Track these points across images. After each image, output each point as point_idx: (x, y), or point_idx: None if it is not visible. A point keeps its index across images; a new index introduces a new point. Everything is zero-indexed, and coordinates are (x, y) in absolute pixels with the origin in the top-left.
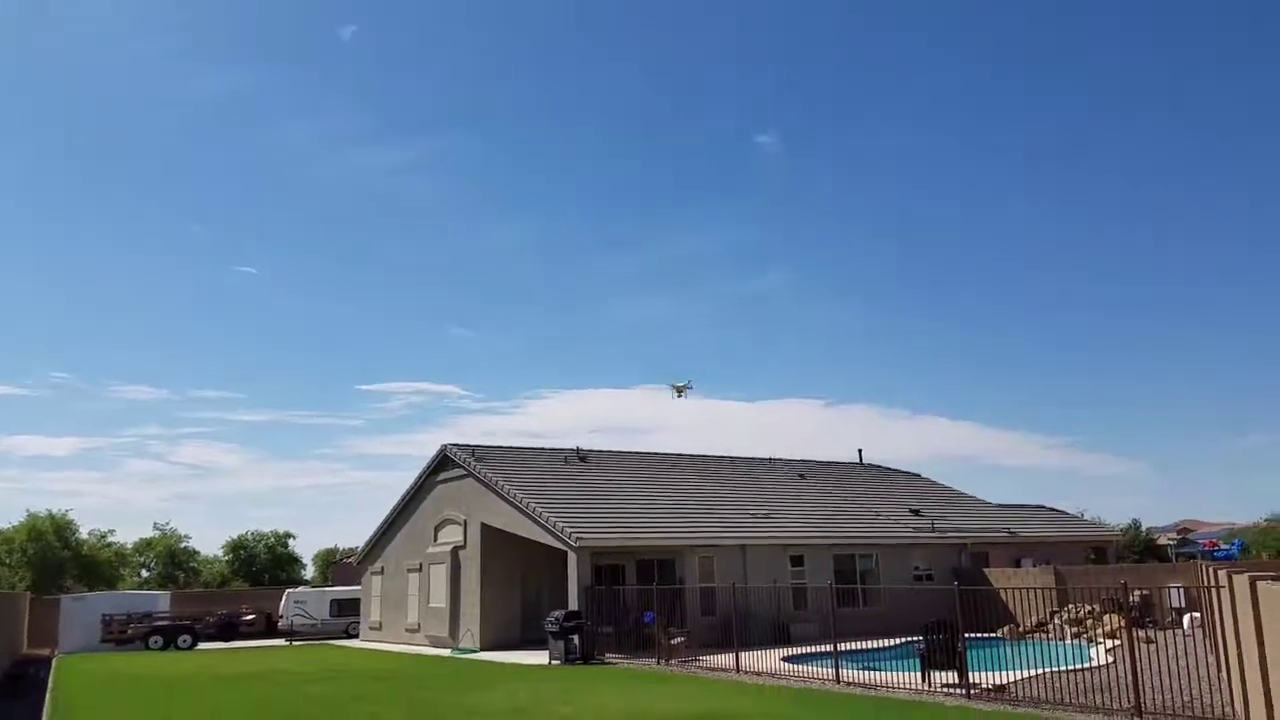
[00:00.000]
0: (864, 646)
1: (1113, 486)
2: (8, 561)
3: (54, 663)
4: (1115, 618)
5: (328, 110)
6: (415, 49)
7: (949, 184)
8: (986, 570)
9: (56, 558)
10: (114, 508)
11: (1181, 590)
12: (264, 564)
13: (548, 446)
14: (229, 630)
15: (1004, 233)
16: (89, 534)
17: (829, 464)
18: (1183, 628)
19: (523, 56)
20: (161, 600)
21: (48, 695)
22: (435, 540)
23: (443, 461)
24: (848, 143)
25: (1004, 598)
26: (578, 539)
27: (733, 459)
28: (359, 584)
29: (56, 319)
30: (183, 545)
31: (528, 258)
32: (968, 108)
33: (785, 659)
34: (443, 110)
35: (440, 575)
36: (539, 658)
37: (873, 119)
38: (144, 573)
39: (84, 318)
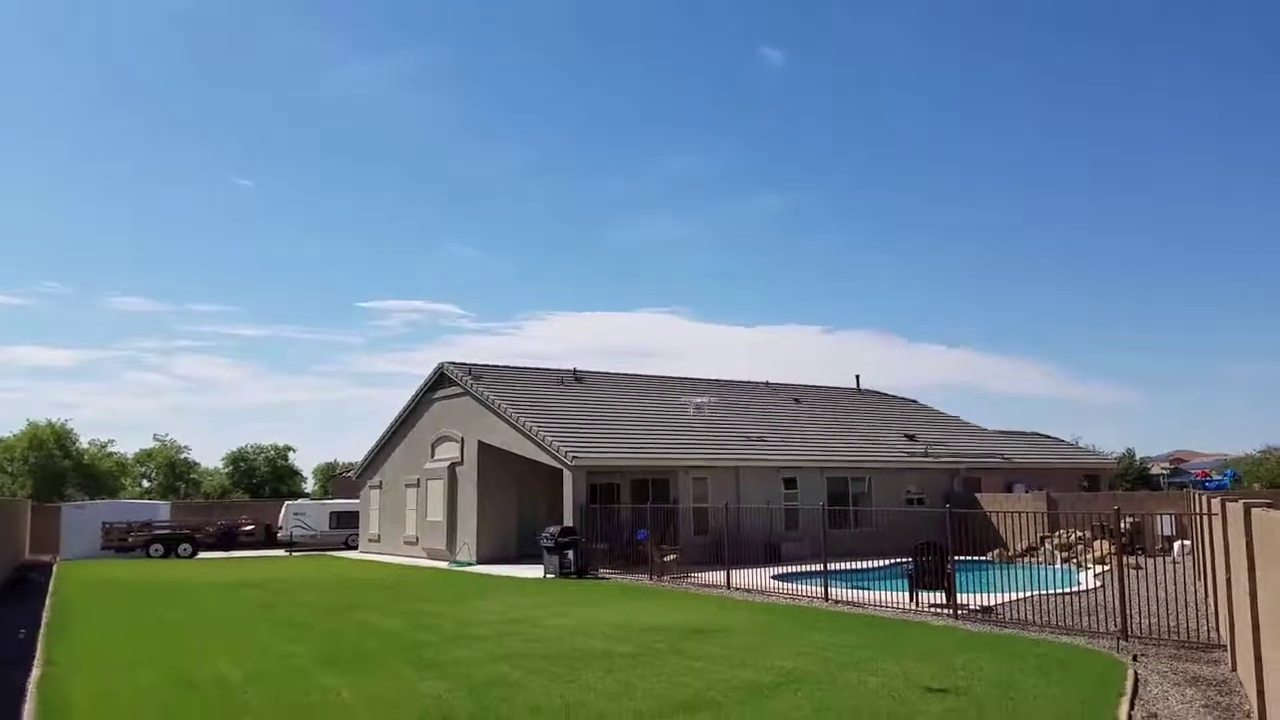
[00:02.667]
0: (854, 567)
1: (1108, 415)
2: (9, 470)
3: (55, 569)
4: (1105, 544)
5: (327, 21)
6: None
7: (952, 100)
8: (979, 495)
9: (57, 466)
10: (113, 418)
11: (1173, 518)
12: (264, 476)
13: (545, 367)
14: (228, 540)
15: (1006, 149)
16: (89, 444)
17: (826, 389)
18: (1172, 555)
19: None
20: (162, 510)
21: (48, 599)
22: (433, 456)
23: (440, 379)
24: (852, 58)
25: (995, 522)
26: (573, 458)
27: (730, 382)
28: (358, 498)
29: (50, 229)
30: (183, 457)
31: (527, 177)
32: (970, 15)
33: (775, 577)
34: (443, 24)
35: (438, 490)
36: (534, 572)
37: (875, 30)
38: (145, 483)
39: (77, 229)
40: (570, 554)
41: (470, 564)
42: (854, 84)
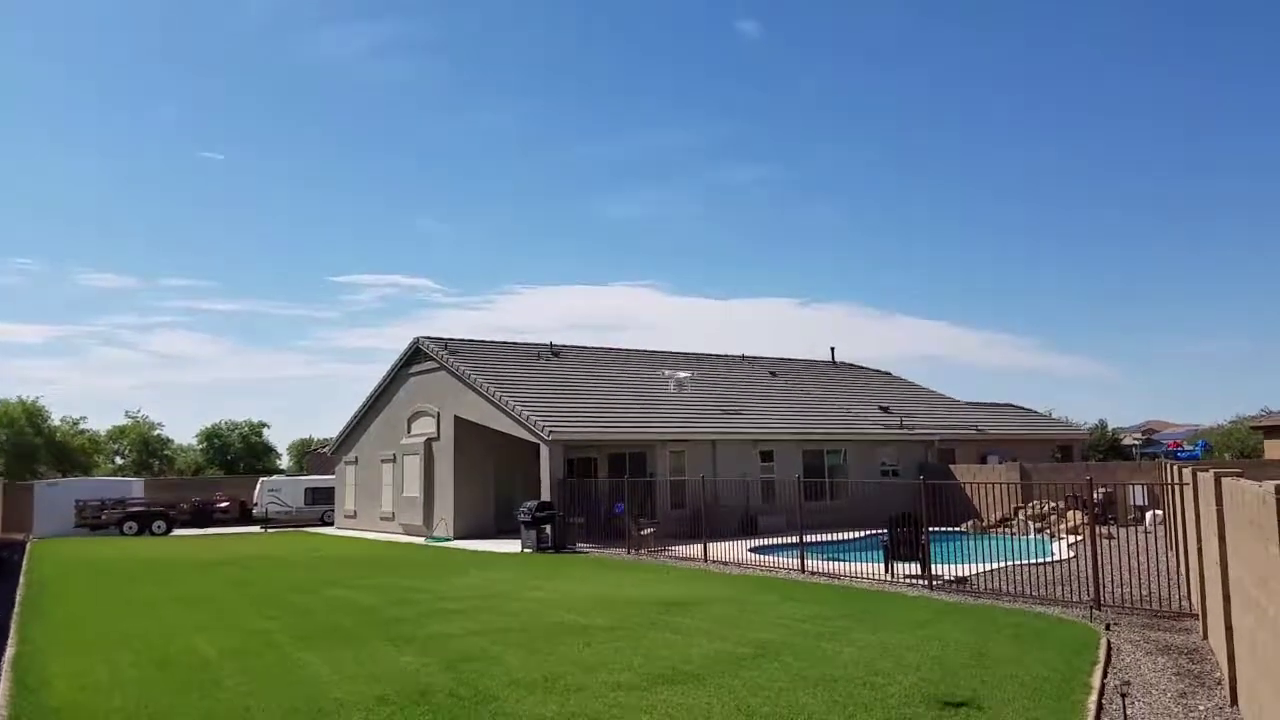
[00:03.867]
0: (830, 539)
1: (1080, 387)
2: None
3: (28, 546)
4: (1078, 514)
5: None
6: None
7: (931, 72)
8: (953, 466)
9: (29, 444)
10: (85, 395)
11: (1145, 488)
12: (238, 453)
13: (522, 342)
14: (203, 517)
15: (983, 121)
16: (61, 420)
17: (802, 362)
18: (1144, 525)
19: None
20: (135, 487)
21: (22, 577)
22: (409, 432)
23: (415, 354)
24: (829, 29)
25: (969, 493)
26: (550, 432)
27: (706, 356)
28: (333, 474)
29: (18, 203)
30: (156, 433)
31: (501, 150)
32: None
33: (752, 549)
34: None
35: (414, 466)
36: (512, 547)
37: (855, 2)
38: (118, 460)
39: (48, 203)
40: (548, 529)
41: (447, 540)
42: (832, 56)
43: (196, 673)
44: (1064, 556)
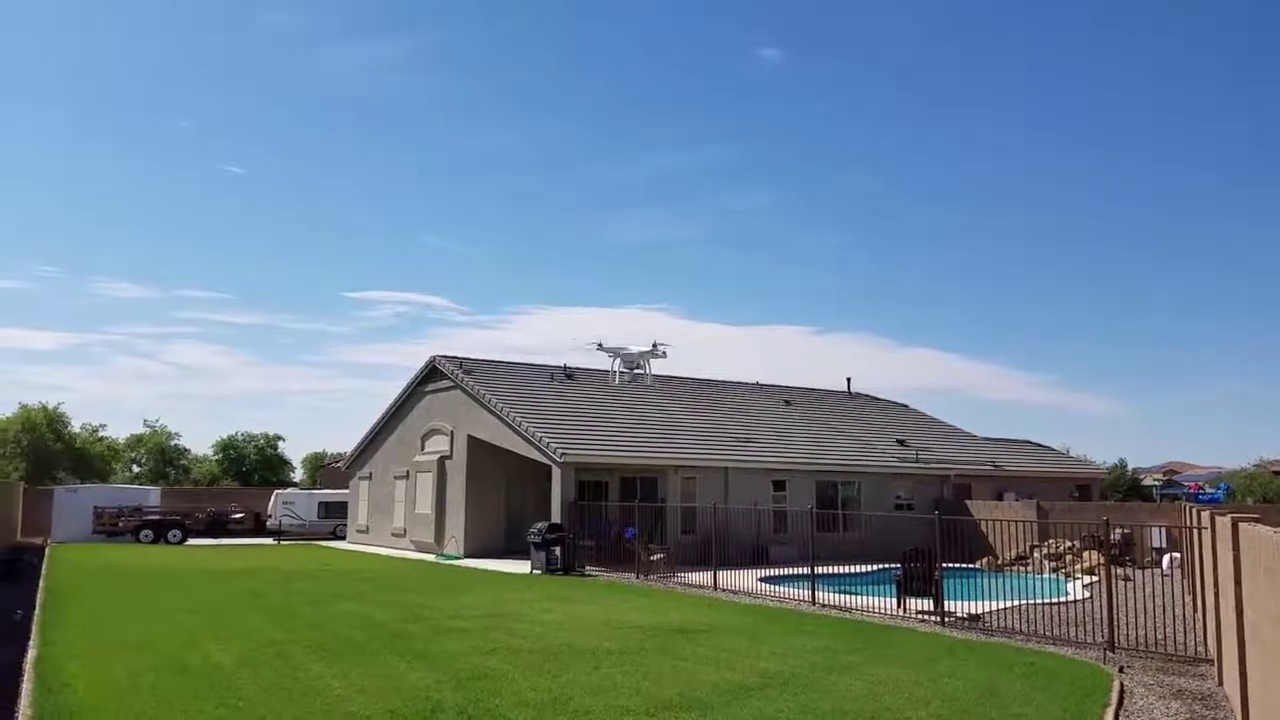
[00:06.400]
0: (841, 571)
1: (1099, 425)
2: (2, 452)
3: (47, 551)
4: (1095, 554)
5: (318, 4)
6: None
7: (950, 103)
8: (969, 502)
9: (49, 450)
10: (104, 403)
11: (1163, 530)
12: (253, 465)
13: (535, 362)
14: (218, 527)
15: (1003, 151)
16: (81, 428)
17: (816, 391)
18: (1162, 568)
19: None
20: (152, 495)
21: (42, 581)
22: (422, 449)
23: (431, 373)
24: (849, 57)
25: (984, 530)
26: (562, 454)
27: (719, 382)
28: (347, 488)
29: (41, 211)
30: (173, 443)
31: (518, 170)
32: (969, 14)
33: (763, 579)
34: (437, 12)
35: (426, 483)
36: (521, 567)
37: (874, 29)
38: (135, 468)
39: (68, 211)
40: (557, 550)
41: (457, 558)
42: (851, 84)
43: (213, 681)
44: (1079, 597)
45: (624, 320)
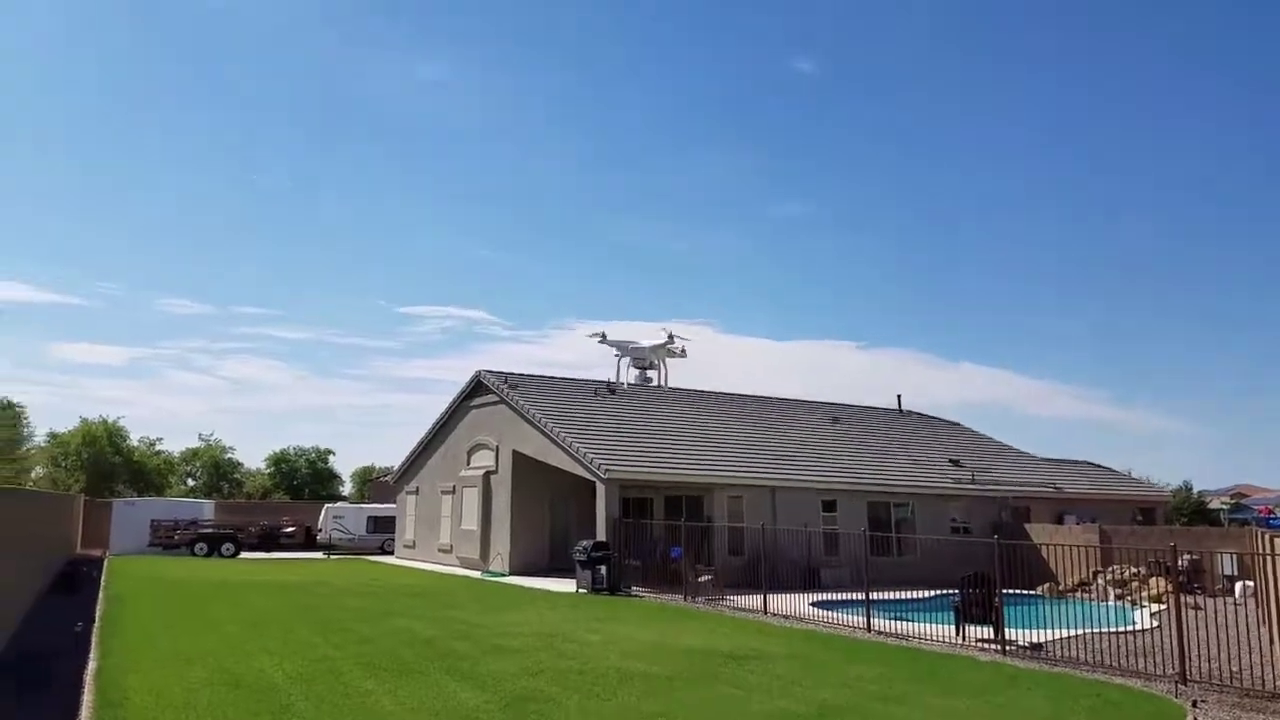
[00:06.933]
0: (896, 596)
1: (1163, 445)
2: (64, 464)
3: (105, 563)
4: (1162, 581)
5: (365, 19)
6: None
7: (991, 111)
8: (1027, 525)
9: (109, 463)
10: (161, 417)
11: (1234, 557)
12: (304, 478)
13: (579, 378)
14: (270, 540)
15: (1049, 159)
16: (139, 441)
17: (866, 409)
18: (1233, 596)
19: None
20: (207, 508)
21: (100, 593)
22: (468, 464)
23: (477, 387)
24: (887, 68)
25: (1045, 554)
26: (606, 471)
27: (764, 398)
28: (394, 502)
29: (107, 229)
30: (227, 456)
31: (557, 184)
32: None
33: (814, 604)
34: (479, 26)
35: (472, 499)
36: (566, 585)
37: (910, 38)
38: (190, 481)
39: (130, 230)
40: (603, 569)
41: (503, 574)
42: (889, 93)
43: (266, 696)
44: (1146, 626)
45: (662, 335)
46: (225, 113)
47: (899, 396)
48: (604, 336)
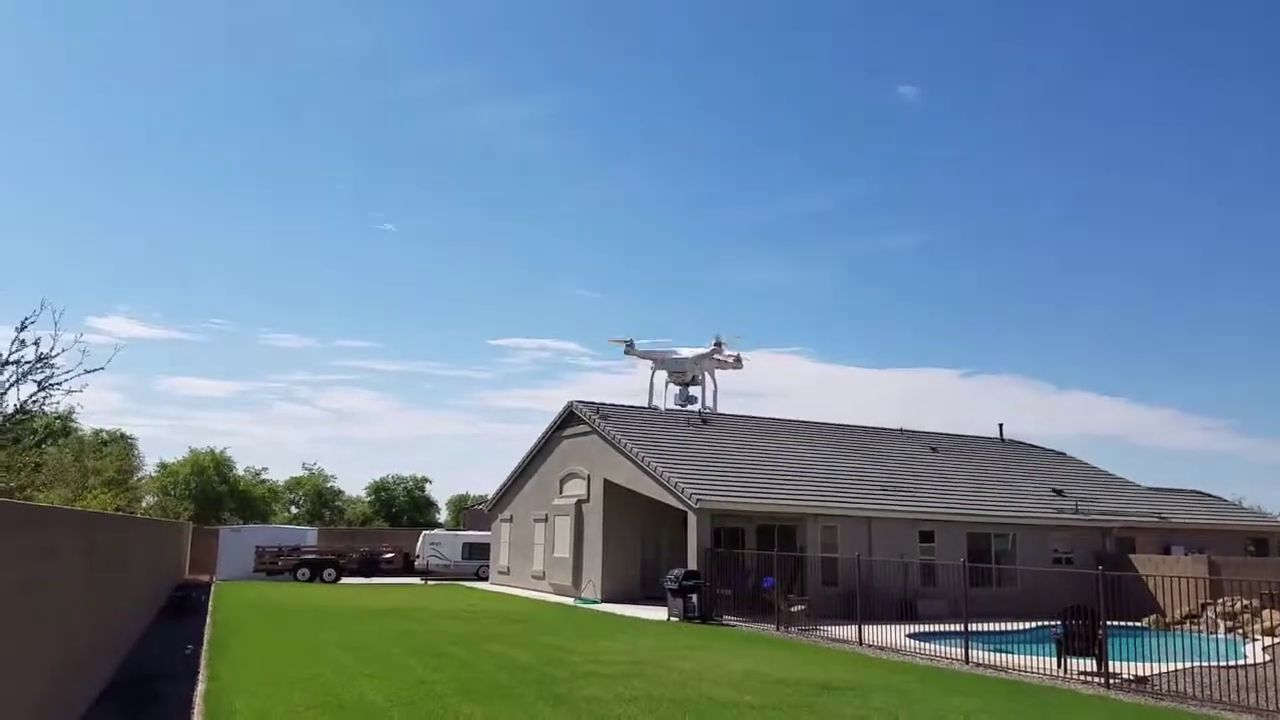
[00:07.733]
0: (996, 628)
1: (1276, 474)
2: (173, 493)
3: (213, 588)
4: (1276, 614)
5: (454, 64)
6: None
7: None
8: (1132, 556)
9: (216, 492)
10: (265, 447)
11: None
12: (403, 506)
13: (670, 408)
14: (370, 567)
15: (1157, 175)
16: (244, 470)
17: (965, 438)
18: None
19: (648, 6)
20: (309, 535)
21: (209, 617)
22: (560, 493)
23: (569, 417)
24: (991, 92)
25: (1150, 586)
26: (698, 500)
27: (860, 428)
28: (489, 529)
29: (214, 268)
30: (328, 485)
31: (648, 213)
32: (1112, 45)
33: (911, 635)
34: (569, 65)
35: (565, 526)
36: (657, 613)
37: (1012, 63)
38: (293, 509)
39: (237, 267)
40: (694, 598)
41: (595, 602)
42: (990, 118)
43: (367, 718)
44: (1259, 660)
45: (757, 363)
46: (331, 156)
47: (1000, 425)
48: (630, 345)
